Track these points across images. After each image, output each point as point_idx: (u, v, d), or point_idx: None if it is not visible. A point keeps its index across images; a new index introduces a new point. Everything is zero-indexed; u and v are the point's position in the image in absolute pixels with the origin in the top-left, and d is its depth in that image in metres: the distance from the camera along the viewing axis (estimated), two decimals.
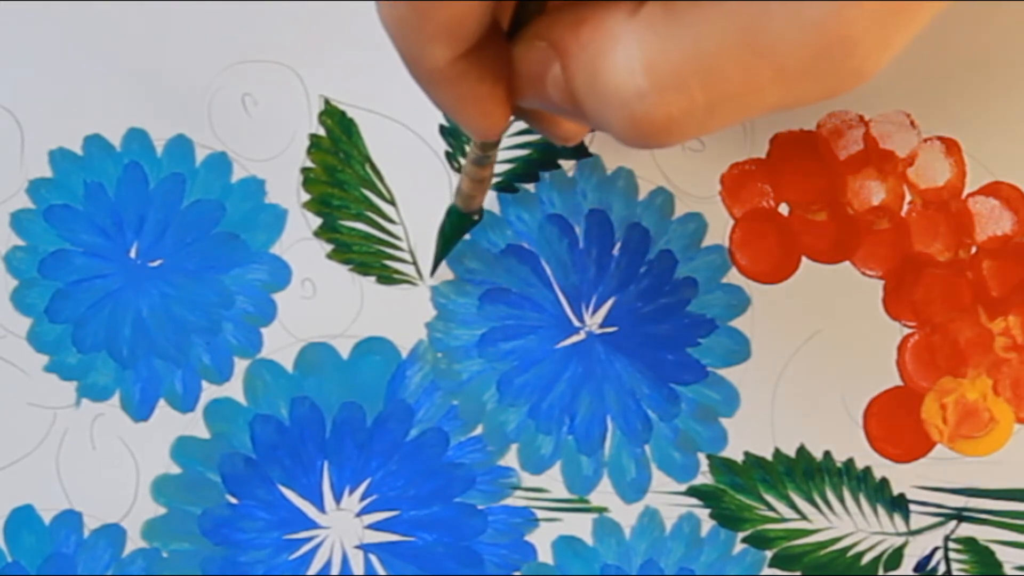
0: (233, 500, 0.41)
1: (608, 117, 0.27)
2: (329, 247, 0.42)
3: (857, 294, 0.41)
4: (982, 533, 0.40)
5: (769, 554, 0.41)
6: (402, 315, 0.41)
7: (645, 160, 0.42)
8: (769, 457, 0.41)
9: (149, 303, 0.42)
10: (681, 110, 0.27)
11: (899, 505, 0.41)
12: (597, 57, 0.27)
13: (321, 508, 0.41)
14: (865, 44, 0.26)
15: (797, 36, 0.25)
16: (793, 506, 0.41)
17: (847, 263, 0.41)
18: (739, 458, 0.41)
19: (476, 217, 0.40)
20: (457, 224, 0.40)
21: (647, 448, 0.41)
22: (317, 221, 0.42)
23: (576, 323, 0.41)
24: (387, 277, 0.42)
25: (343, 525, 0.41)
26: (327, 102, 0.42)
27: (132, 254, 0.42)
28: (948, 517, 0.40)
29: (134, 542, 0.41)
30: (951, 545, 0.40)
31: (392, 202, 0.42)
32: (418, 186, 0.42)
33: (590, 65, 0.27)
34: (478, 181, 0.37)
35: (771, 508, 0.41)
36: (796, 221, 0.42)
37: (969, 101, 0.41)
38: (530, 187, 0.42)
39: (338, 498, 0.41)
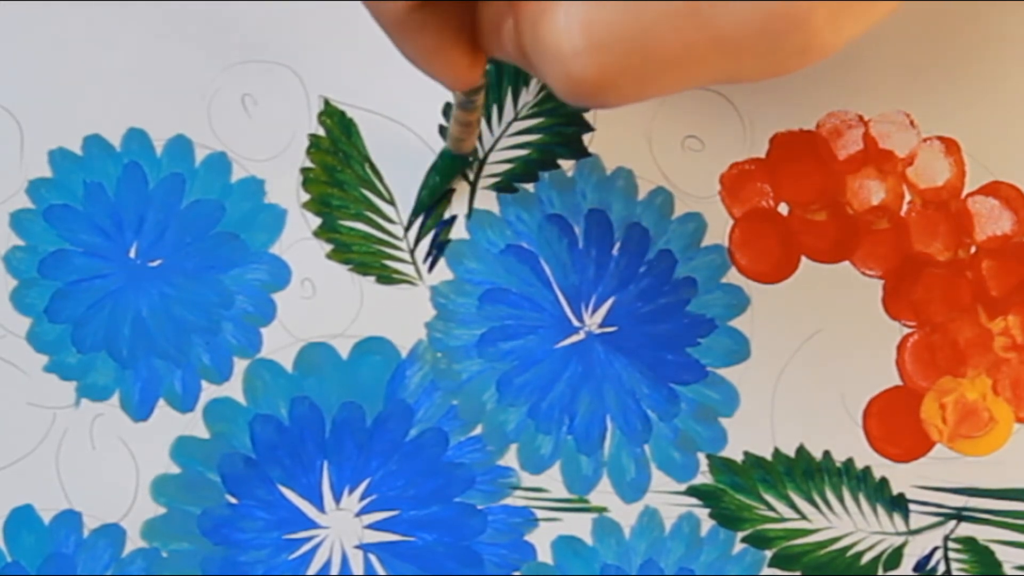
0: (233, 500, 0.41)
1: (547, 73, 0.28)
2: (329, 247, 0.42)
3: (857, 294, 0.41)
4: (982, 533, 0.40)
5: (769, 554, 0.41)
6: (402, 315, 0.41)
7: (645, 160, 0.42)
8: (769, 457, 0.41)
9: (149, 303, 0.42)
10: (616, 71, 0.27)
11: (899, 505, 0.41)
12: (541, 13, 0.27)
13: (321, 508, 0.41)
14: (814, 24, 0.26)
15: (742, 8, 0.25)
16: (793, 506, 0.41)
17: (847, 263, 0.41)
18: (739, 458, 0.41)
19: (470, 159, 0.40)
20: (450, 164, 0.40)
21: (647, 448, 0.41)
22: (317, 221, 0.42)
23: (576, 323, 0.41)
24: (387, 277, 0.42)
25: (343, 525, 0.41)
26: (327, 102, 0.42)
27: (132, 254, 0.42)
28: (948, 517, 0.40)
29: (134, 542, 0.41)
30: (951, 545, 0.40)
31: (392, 202, 0.42)
32: (418, 186, 0.42)
33: (534, 20, 0.27)
34: (466, 124, 0.38)
35: (771, 508, 0.41)
36: (796, 221, 0.42)
37: (969, 101, 0.41)
38: (529, 187, 0.42)
39: (338, 498, 0.41)
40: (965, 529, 0.40)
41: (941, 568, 0.40)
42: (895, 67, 0.41)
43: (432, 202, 0.41)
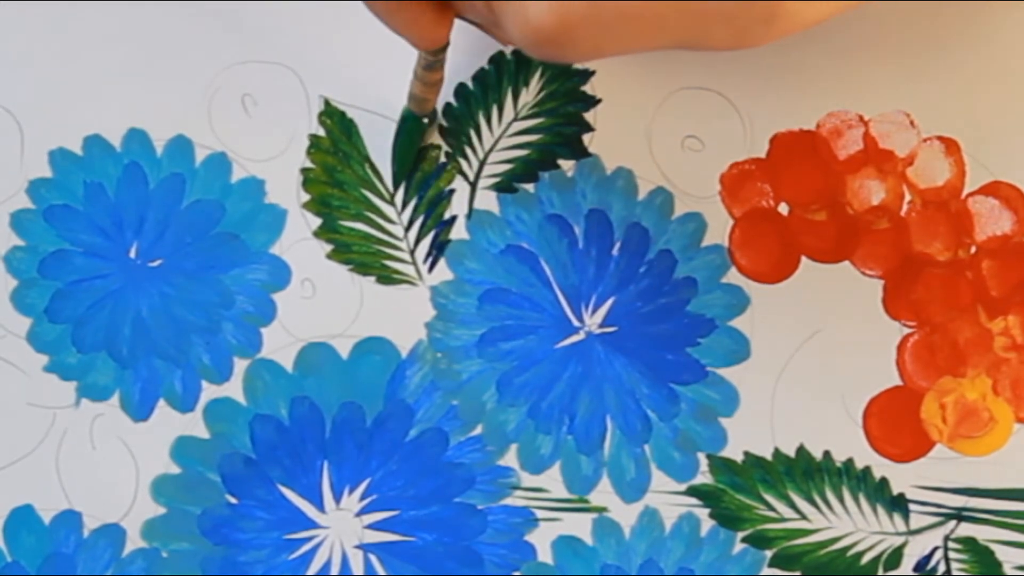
0: (233, 500, 0.41)
1: (509, 22, 0.28)
2: (329, 247, 0.42)
3: (857, 294, 0.41)
4: (982, 533, 0.40)
5: (769, 554, 0.41)
6: (402, 315, 0.41)
7: (645, 160, 0.42)
8: (769, 457, 0.41)
9: (149, 303, 0.42)
10: (575, 21, 0.27)
11: (899, 505, 0.41)
12: None
13: (321, 508, 0.41)
14: None
15: None
16: (793, 506, 0.41)
17: (847, 263, 0.41)
18: (739, 458, 0.41)
19: (426, 121, 0.41)
20: (412, 127, 0.41)
21: (647, 448, 0.41)
22: (317, 221, 0.42)
23: (576, 323, 0.41)
24: (387, 277, 0.42)
25: (343, 525, 0.41)
26: (327, 102, 0.42)
27: (132, 254, 0.42)
28: (948, 517, 0.40)
29: (134, 542, 0.41)
30: (951, 545, 0.40)
31: (392, 202, 0.42)
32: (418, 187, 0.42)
33: None
34: (430, 84, 0.38)
35: (771, 508, 0.41)
36: (796, 221, 0.42)
37: (969, 101, 0.41)
38: (529, 187, 0.42)
39: (338, 498, 0.41)
40: (965, 529, 0.40)
41: (941, 568, 0.40)
42: (895, 67, 0.41)
43: (408, 170, 0.41)
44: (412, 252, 0.42)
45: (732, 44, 0.27)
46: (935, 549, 0.40)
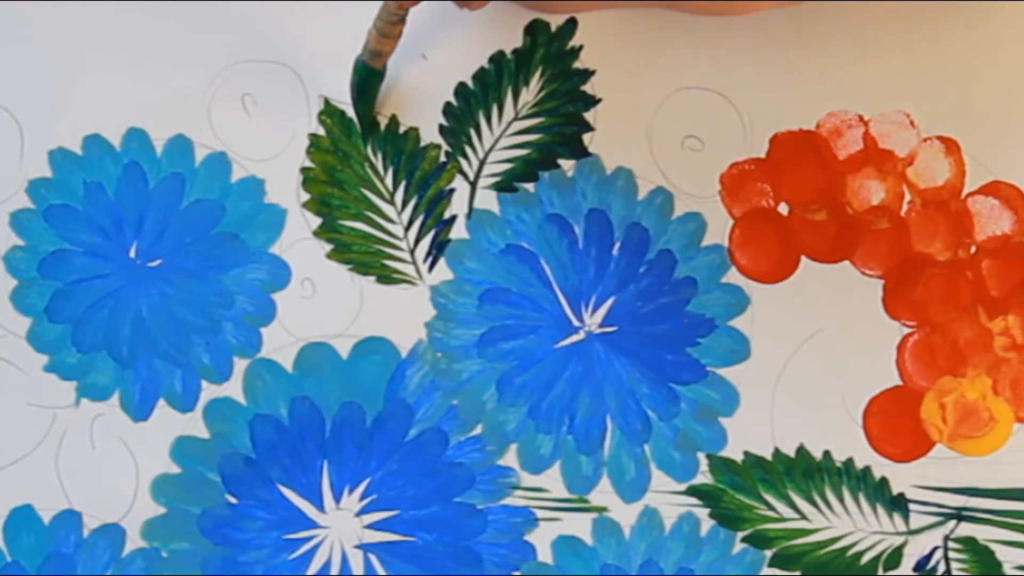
0: (233, 500, 0.41)
1: None
2: (329, 247, 0.42)
3: (857, 294, 0.41)
4: (982, 533, 0.40)
5: (769, 554, 0.41)
6: (402, 315, 0.41)
7: (645, 160, 0.42)
8: (769, 457, 0.41)
9: (149, 303, 0.42)
10: None
11: (899, 505, 0.41)
12: None
13: (321, 508, 0.41)
14: None
15: None
16: (793, 506, 0.41)
17: (847, 263, 0.41)
18: (739, 458, 0.41)
19: (381, 73, 0.41)
20: (372, 81, 0.41)
21: (647, 448, 0.41)
22: (316, 221, 0.42)
23: (576, 323, 0.41)
24: (387, 277, 0.42)
25: (343, 525, 0.41)
26: (327, 102, 0.42)
27: (132, 254, 0.42)
28: (948, 517, 0.40)
29: (134, 542, 0.41)
30: (951, 545, 0.40)
31: (391, 201, 0.42)
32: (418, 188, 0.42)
33: None
34: (392, 38, 0.39)
35: (771, 508, 0.41)
36: (796, 221, 0.42)
37: (969, 101, 0.41)
38: (530, 187, 0.42)
39: (338, 498, 0.41)
40: (965, 529, 0.40)
41: (941, 568, 0.40)
42: (895, 67, 0.41)
43: (371, 122, 0.42)
44: (412, 252, 0.42)
45: (716, 9, 0.27)
46: (935, 549, 0.40)
